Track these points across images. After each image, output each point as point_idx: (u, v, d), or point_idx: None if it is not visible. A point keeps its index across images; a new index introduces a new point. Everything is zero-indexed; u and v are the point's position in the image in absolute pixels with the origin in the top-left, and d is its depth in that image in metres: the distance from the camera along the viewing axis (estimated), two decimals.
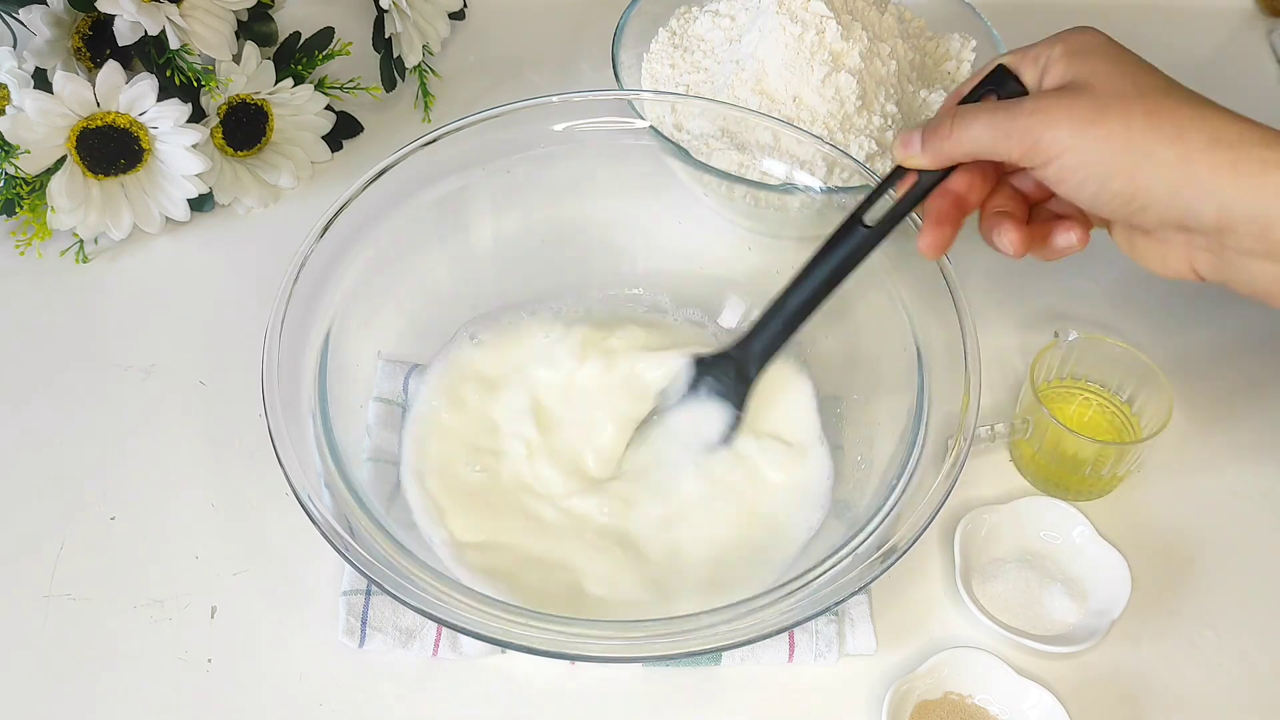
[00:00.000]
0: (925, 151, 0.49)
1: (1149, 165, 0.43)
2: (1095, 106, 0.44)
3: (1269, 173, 0.42)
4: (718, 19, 0.72)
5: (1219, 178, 0.43)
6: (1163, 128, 0.43)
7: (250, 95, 0.69)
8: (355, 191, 0.56)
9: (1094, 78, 0.45)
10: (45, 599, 0.54)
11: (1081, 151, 0.44)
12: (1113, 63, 0.46)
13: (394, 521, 0.51)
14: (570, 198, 0.63)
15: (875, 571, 0.46)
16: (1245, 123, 0.44)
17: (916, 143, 0.49)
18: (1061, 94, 0.46)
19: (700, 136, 0.63)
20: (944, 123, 0.48)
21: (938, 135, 0.48)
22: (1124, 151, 0.44)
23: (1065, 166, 0.45)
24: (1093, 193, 0.45)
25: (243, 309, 0.64)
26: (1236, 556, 0.58)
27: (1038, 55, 0.48)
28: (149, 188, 0.67)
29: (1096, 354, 0.60)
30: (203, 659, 0.52)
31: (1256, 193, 0.42)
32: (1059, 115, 0.45)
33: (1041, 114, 0.45)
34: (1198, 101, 0.44)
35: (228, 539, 0.57)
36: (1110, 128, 0.44)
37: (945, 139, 0.48)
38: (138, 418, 0.61)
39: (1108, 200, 0.45)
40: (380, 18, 0.73)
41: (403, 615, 0.53)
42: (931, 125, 0.48)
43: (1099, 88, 0.45)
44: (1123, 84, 0.45)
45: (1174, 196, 0.44)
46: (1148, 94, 0.44)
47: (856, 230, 0.50)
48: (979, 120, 0.47)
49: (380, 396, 0.59)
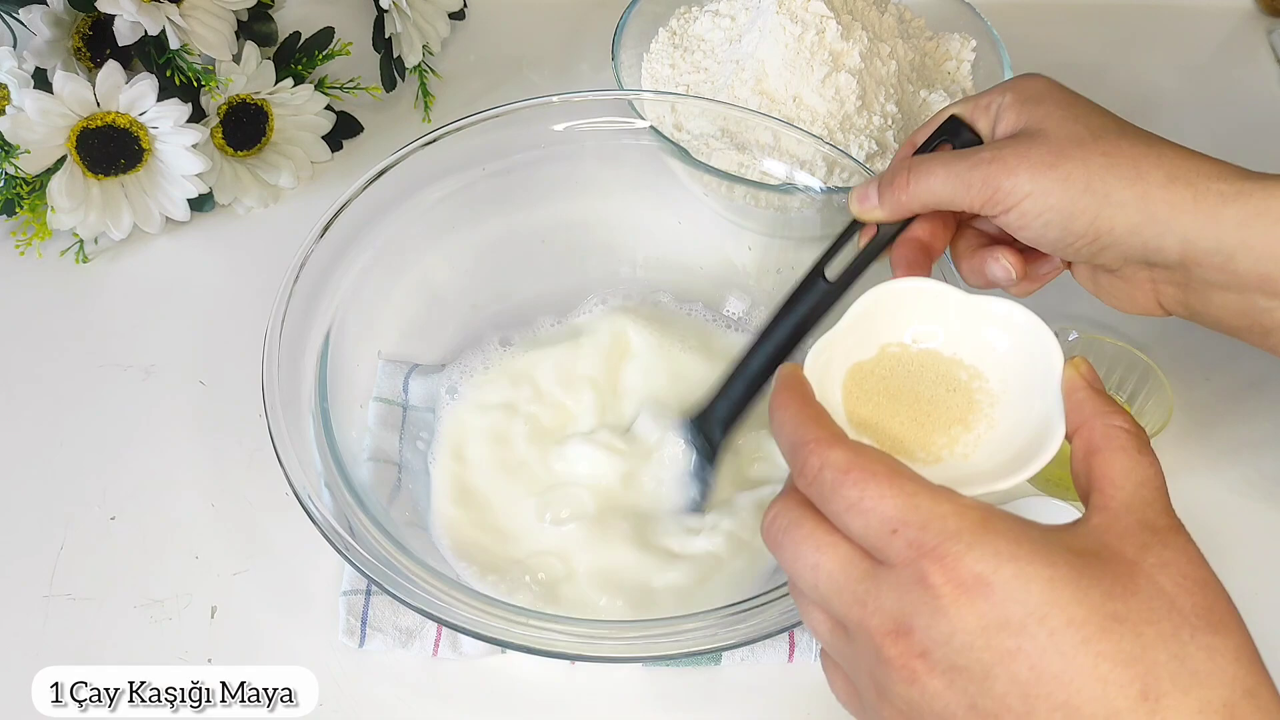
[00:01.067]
0: (883, 205, 0.48)
1: (1109, 206, 0.44)
2: (1052, 151, 0.44)
3: (1226, 205, 0.43)
4: (718, 19, 0.72)
5: (1179, 213, 0.43)
6: (1120, 168, 0.44)
7: (250, 95, 0.69)
8: (355, 191, 0.56)
9: (1047, 122, 0.45)
10: (45, 599, 0.54)
11: (1041, 196, 0.44)
12: (1065, 108, 0.46)
13: (394, 521, 0.51)
14: (570, 198, 0.63)
15: None
16: (1200, 158, 0.44)
17: (873, 196, 0.48)
18: (1017, 140, 0.45)
19: (700, 136, 0.63)
20: (900, 174, 0.47)
21: (894, 188, 0.48)
22: (1084, 193, 0.44)
23: (1026, 212, 0.45)
24: (1056, 236, 0.45)
25: (243, 309, 0.64)
26: (1237, 557, 0.57)
27: (989, 103, 0.48)
28: (149, 188, 0.67)
29: (1096, 354, 0.60)
30: (203, 659, 0.52)
31: (1216, 225, 0.43)
32: (1015, 162, 0.45)
33: (999, 162, 0.45)
34: (1152, 140, 0.45)
35: (228, 539, 0.57)
36: (1068, 170, 0.44)
37: (902, 191, 0.47)
38: (138, 418, 0.61)
39: (1071, 242, 0.45)
40: (380, 18, 0.73)
41: (403, 615, 0.53)
42: (887, 178, 0.48)
43: (1053, 132, 0.45)
44: (1076, 128, 0.45)
45: (1135, 234, 0.44)
46: (1102, 136, 0.45)
47: (818, 284, 0.49)
48: (936, 172, 0.46)
49: (380, 396, 0.58)
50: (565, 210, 0.63)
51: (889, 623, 0.33)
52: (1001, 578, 0.32)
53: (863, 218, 0.49)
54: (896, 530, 0.33)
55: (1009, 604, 0.31)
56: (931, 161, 0.47)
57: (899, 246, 0.49)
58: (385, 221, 0.57)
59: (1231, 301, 0.45)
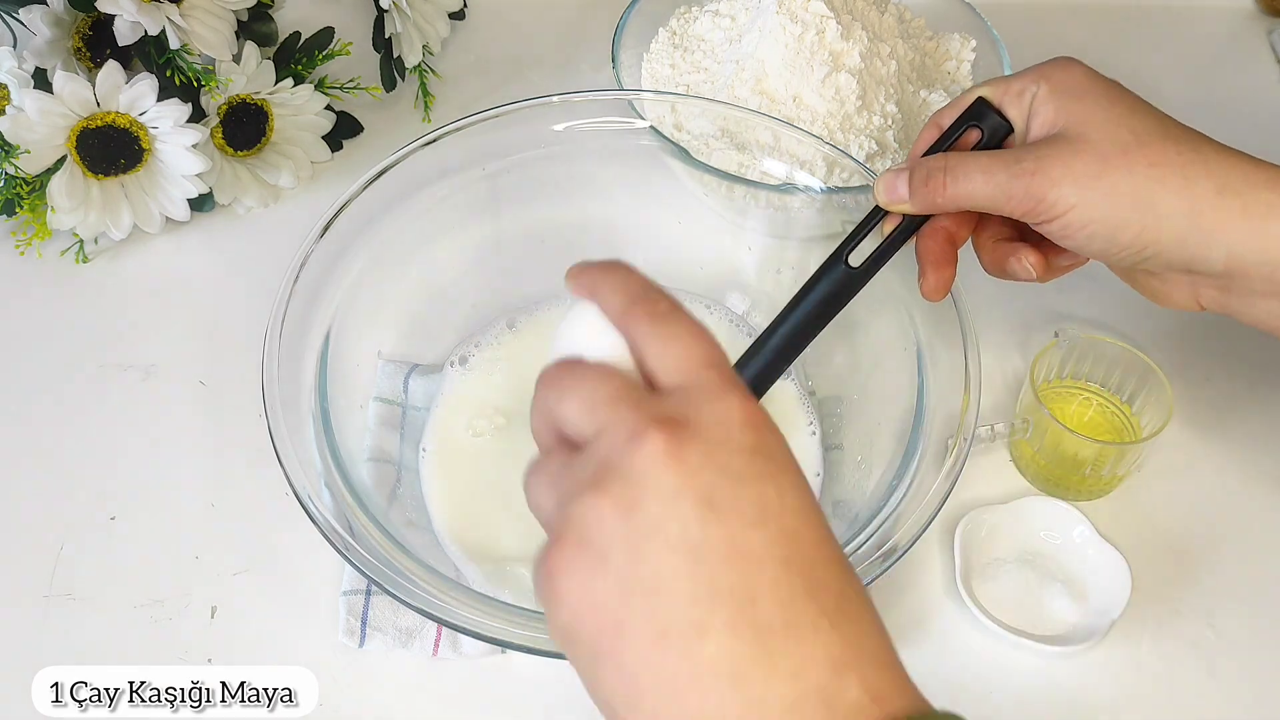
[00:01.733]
0: (913, 200, 0.47)
1: (1157, 218, 0.43)
2: (1096, 160, 0.44)
3: (1274, 216, 0.42)
4: (718, 19, 0.72)
5: (1227, 225, 0.43)
6: (1168, 179, 0.43)
7: (250, 95, 0.69)
8: (355, 191, 0.56)
9: (1089, 126, 0.44)
10: (45, 599, 0.54)
11: (1087, 208, 0.44)
12: (1106, 106, 0.45)
13: (394, 521, 0.51)
14: (570, 198, 0.63)
15: (875, 571, 0.46)
16: (1248, 162, 0.43)
17: (901, 188, 0.48)
18: (1059, 147, 0.45)
19: (700, 136, 0.63)
20: (936, 175, 0.47)
21: (930, 188, 0.47)
22: (1130, 206, 0.43)
23: (1070, 224, 0.44)
24: (1101, 248, 0.45)
25: (243, 309, 0.64)
26: (1237, 556, 0.58)
27: (1021, 90, 0.47)
28: (149, 188, 0.67)
29: (1096, 354, 0.60)
30: (203, 659, 0.52)
31: (1263, 237, 0.42)
32: (1060, 174, 0.44)
33: (1043, 174, 0.44)
34: (1197, 143, 0.44)
35: (228, 539, 0.57)
36: (1114, 180, 0.43)
37: (939, 193, 0.47)
38: (138, 418, 0.61)
39: (1115, 252, 0.45)
40: (380, 18, 0.73)
41: (403, 615, 0.53)
42: (921, 174, 0.47)
43: (1095, 138, 0.44)
44: (1120, 132, 0.44)
45: (1181, 246, 0.43)
46: (1148, 142, 0.44)
47: (840, 269, 0.48)
48: (974, 178, 0.46)
49: (380, 396, 0.59)
50: (565, 210, 0.63)
51: (664, 421, 0.31)
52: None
53: (890, 209, 0.49)
54: (713, 366, 0.32)
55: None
56: (970, 166, 0.46)
57: (926, 238, 0.49)
58: (385, 221, 0.57)
59: (1274, 308, 0.44)
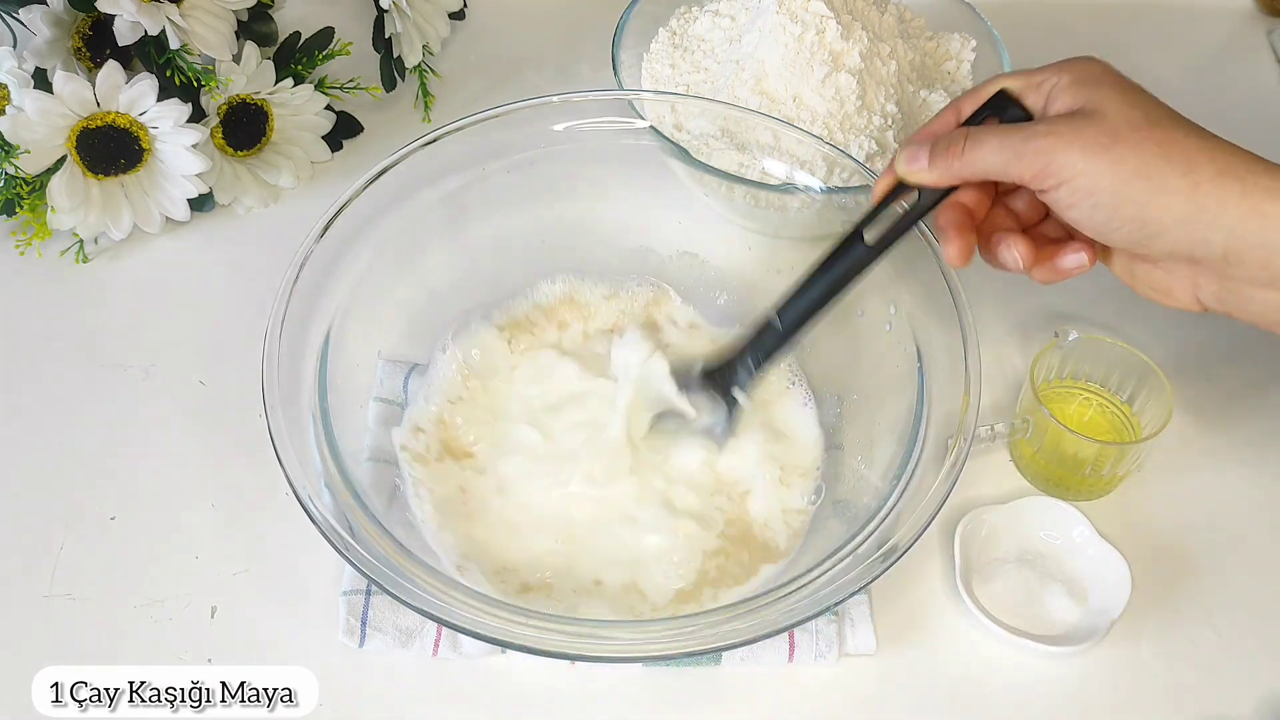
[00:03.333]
0: (933, 168, 0.48)
1: (1160, 194, 0.44)
2: (1107, 132, 0.45)
3: (1273, 200, 0.43)
4: (718, 19, 0.72)
5: (1227, 207, 0.43)
6: (1173, 158, 0.44)
7: (250, 95, 0.69)
8: (355, 191, 0.56)
9: (1104, 104, 0.46)
10: (45, 599, 0.54)
11: (1094, 175, 0.44)
12: (1122, 92, 0.46)
13: (394, 521, 0.51)
14: (570, 198, 0.63)
15: (875, 571, 0.46)
16: (1252, 156, 0.45)
17: (923, 158, 0.49)
18: (1074, 118, 0.46)
19: (700, 136, 0.63)
20: (956, 142, 0.48)
21: (949, 154, 0.48)
22: (1136, 178, 0.44)
23: (1077, 190, 0.45)
24: (1104, 219, 0.45)
25: (243, 309, 0.64)
26: (1237, 556, 0.58)
27: (1042, 81, 0.48)
28: (149, 188, 0.67)
29: (1096, 354, 0.60)
30: (203, 659, 0.52)
31: (1261, 219, 0.43)
32: (1071, 138, 0.45)
33: (1054, 136, 0.45)
34: (1205, 134, 0.45)
35: (228, 539, 0.56)
36: (1122, 153, 0.44)
37: (956, 158, 0.48)
38: (138, 418, 0.61)
39: (1118, 226, 0.45)
40: (380, 18, 0.73)
41: (403, 615, 0.53)
42: (942, 143, 0.48)
43: (1110, 114, 0.45)
44: (1133, 113, 0.45)
45: (1183, 226, 0.44)
46: (1159, 124, 0.45)
47: (856, 247, 0.50)
48: (989, 141, 0.47)
49: (380, 396, 0.59)
50: (565, 210, 0.63)
51: None
52: None
53: (908, 179, 0.49)
54: None
55: None
56: (985, 132, 0.47)
57: (947, 210, 0.49)
58: (385, 221, 0.57)
59: (1270, 299, 0.45)
